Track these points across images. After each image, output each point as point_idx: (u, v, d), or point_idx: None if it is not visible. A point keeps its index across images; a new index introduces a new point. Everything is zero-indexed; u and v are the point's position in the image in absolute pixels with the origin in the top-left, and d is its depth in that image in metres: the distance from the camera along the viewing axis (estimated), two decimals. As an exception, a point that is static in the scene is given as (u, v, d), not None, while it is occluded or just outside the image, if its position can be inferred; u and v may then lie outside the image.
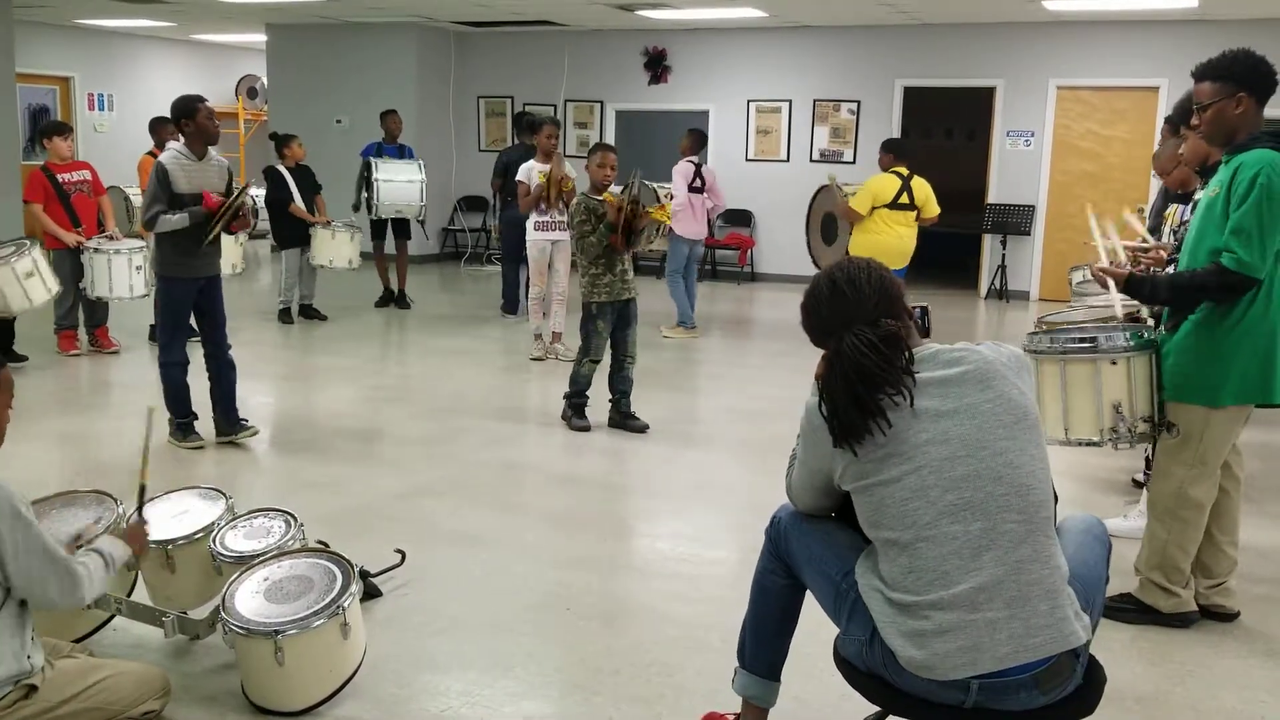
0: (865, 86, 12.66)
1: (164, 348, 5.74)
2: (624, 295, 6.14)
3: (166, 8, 13.00)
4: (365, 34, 13.93)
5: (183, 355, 5.75)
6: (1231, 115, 3.51)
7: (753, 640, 2.80)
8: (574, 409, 6.32)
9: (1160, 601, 3.74)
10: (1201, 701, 3.30)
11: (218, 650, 3.39)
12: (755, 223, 13.21)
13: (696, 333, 9.42)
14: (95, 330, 8.16)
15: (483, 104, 14.60)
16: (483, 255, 14.00)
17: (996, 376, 2.34)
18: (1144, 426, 3.71)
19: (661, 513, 5.08)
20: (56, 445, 5.89)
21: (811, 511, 2.66)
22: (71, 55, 15.63)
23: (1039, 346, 3.87)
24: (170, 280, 5.63)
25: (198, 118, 5.50)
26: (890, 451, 2.31)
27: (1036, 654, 2.26)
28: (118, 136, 15.94)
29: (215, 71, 17.50)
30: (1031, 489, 2.31)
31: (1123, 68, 11.57)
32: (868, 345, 2.33)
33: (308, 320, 9.75)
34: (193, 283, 5.63)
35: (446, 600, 3.92)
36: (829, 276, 2.48)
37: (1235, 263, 3.38)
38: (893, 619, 2.31)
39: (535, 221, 8.32)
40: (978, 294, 12.39)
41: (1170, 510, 3.66)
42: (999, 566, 2.26)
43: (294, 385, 7.62)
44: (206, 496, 3.75)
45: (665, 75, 13.58)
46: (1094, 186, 11.76)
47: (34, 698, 2.60)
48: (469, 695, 3.25)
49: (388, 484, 5.27)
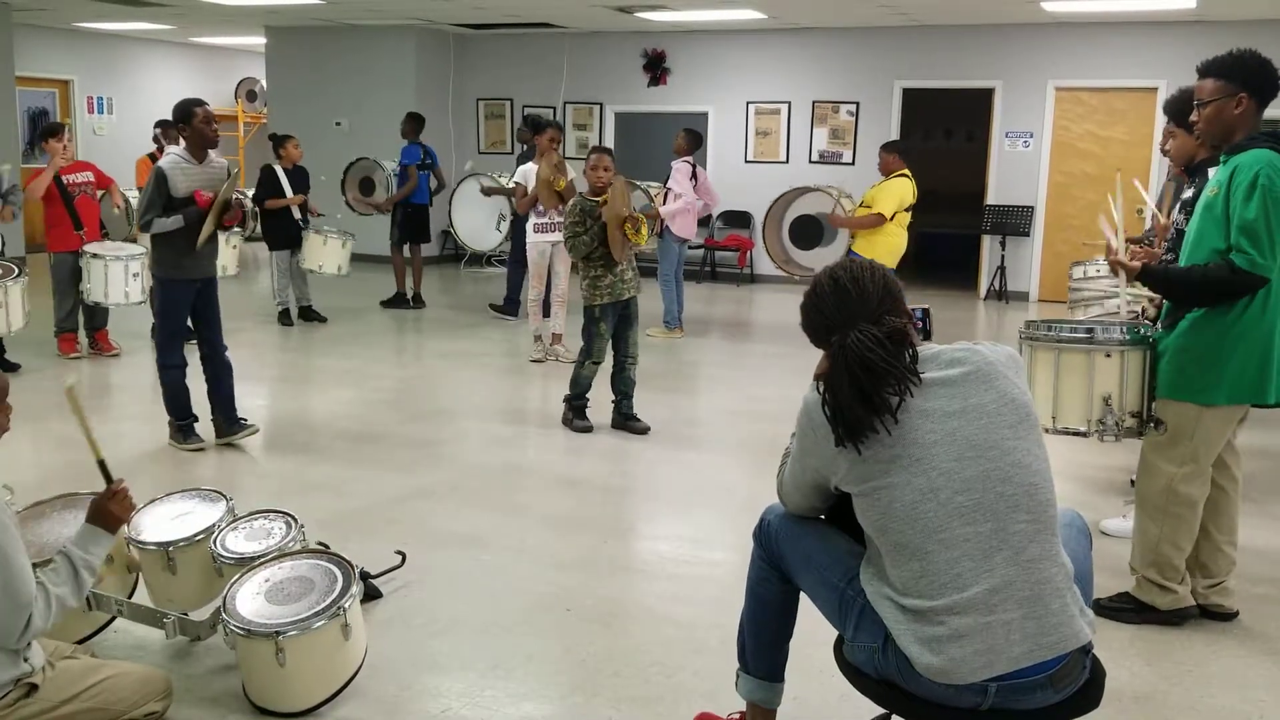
0: (864, 88, 12.67)
1: (162, 350, 5.76)
2: (625, 294, 6.15)
3: (166, 11, 13.01)
4: (364, 36, 13.94)
5: (181, 358, 5.76)
6: (1230, 115, 3.52)
7: (753, 645, 2.79)
8: (575, 410, 6.33)
9: (1157, 599, 3.75)
10: (1200, 700, 3.31)
11: (219, 651, 3.39)
12: (755, 224, 13.21)
13: (680, 333, 9.43)
14: (95, 334, 8.16)
15: (482, 106, 14.61)
16: (483, 257, 14.00)
17: (998, 376, 2.34)
18: (1131, 421, 3.73)
19: (661, 514, 5.08)
20: (56, 448, 5.89)
21: (802, 513, 2.65)
22: (71, 58, 15.63)
23: (1037, 335, 3.90)
24: (167, 282, 5.65)
25: (194, 122, 5.51)
26: (898, 453, 2.30)
27: (1051, 652, 2.26)
28: (117, 139, 15.94)
29: (215, 74, 17.50)
30: (1038, 488, 2.31)
31: (1121, 69, 11.58)
32: (874, 340, 2.32)
33: (307, 322, 9.76)
34: (190, 284, 5.64)
35: (447, 601, 3.93)
36: (831, 275, 2.47)
37: (1249, 263, 3.38)
38: (907, 625, 2.29)
39: (535, 223, 8.33)
40: (977, 295, 12.39)
41: (1161, 507, 3.67)
42: (1011, 567, 2.25)
43: (294, 387, 7.63)
44: (207, 498, 3.75)
45: (664, 77, 13.59)
46: (1093, 187, 11.77)
47: (35, 697, 2.61)
48: (469, 696, 3.26)
49: (388, 485, 5.28)
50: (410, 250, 10.63)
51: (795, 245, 9.77)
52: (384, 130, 12.61)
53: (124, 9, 12.99)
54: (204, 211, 5.49)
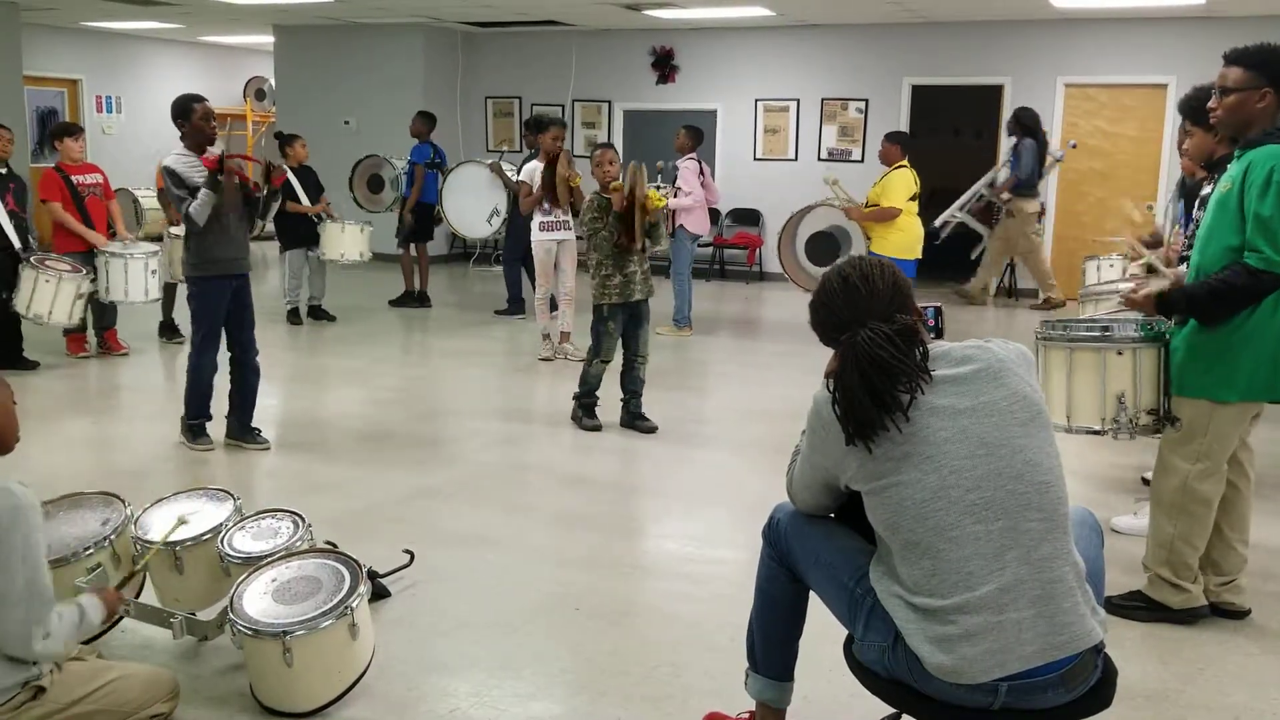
0: (873, 85, 12.63)
1: (198, 348, 5.65)
2: (634, 296, 6.12)
3: (174, 10, 13.03)
4: (372, 35, 13.95)
5: (214, 358, 5.70)
6: (1252, 108, 3.46)
7: (763, 645, 2.78)
8: (584, 409, 6.32)
9: (1170, 598, 3.72)
10: (1212, 699, 3.28)
11: (226, 651, 3.39)
12: (763, 222, 13.18)
13: (689, 332, 9.41)
14: (104, 333, 8.16)
15: (490, 104, 14.60)
16: (491, 256, 14.00)
17: (1008, 373, 2.32)
18: (1146, 419, 3.70)
19: (669, 513, 5.07)
20: (64, 447, 5.90)
21: (811, 511, 2.64)
22: (79, 58, 15.67)
23: (1050, 334, 3.87)
24: (203, 280, 5.57)
25: (193, 119, 5.47)
26: (909, 451, 2.28)
27: (1063, 652, 2.24)
28: (126, 139, 15.99)
29: (223, 73, 17.53)
30: (1050, 486, 2.29)
31: (1131, 65, 11.52)
32: (884, 338, 2.30)
33: (316, 321, 9.76)
34: (227, 281, 5.58)
35: (455, 601, 3.92)
36: (840, 273, 2.46)
37: (1263, 261, 3.33)
38: (918, 624, 2.28)
39: (540, 222, 8.31)
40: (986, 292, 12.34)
41: (1176, 505, 3.64)
42: (1022, 566, 2.24)
43: (302, 386, 7.63)
44: (214, 497, 3.74)
45: (673, 75, 13.57)
46: (1102, 184, 11.73)
47: (43, 698, 2.60)
48: (477, 695, 3.25)
49: (396, 484, 5.27)
50: (415, 249, 10.65)
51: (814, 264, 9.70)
52: (392, 128, 12.61)
53: (132, 8, 13.01)
54: (215, 173, 5.36)
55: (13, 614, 2.52)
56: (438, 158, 10.53)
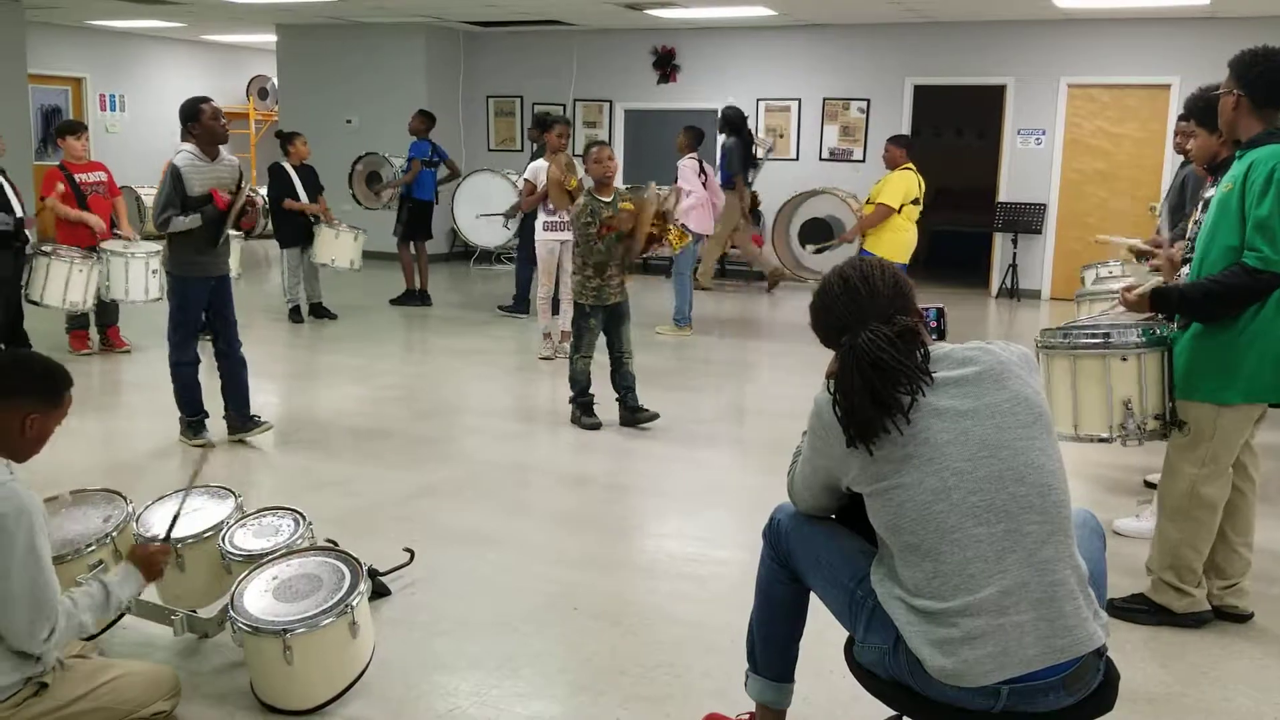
0: (875, 85, 12.62)
1: (175, 347, 5.74)
2: (610, 300, 6.15)
3: (178, 9, 13.03)
4: (374, 34, 13.95)
5: (194, 354, 5.76)
6: (1227, 111, 3.50)
7: (763, 646, 2.78)
8: (581, 408, 6.32)
9: (1173, 601, 3.72)
10: (1215, 703, 3.28)
11: (226, 649, 3.39)
12: (764, 222, 13.17)
13: (689, 331, 9.41)
14: (106, 330, 8.17)
15: (492, 103, 14.60)
16: (492, 254, 14.00)
17: (1010, 375, 2.32)
18: (1154, 424, 3.68)
19: (669, 513, 5.06)
20: (67, 443, 5.88)
21: (812, 512, 2.63)
22: (83, 56, 15.68)
23: (1052, 342, 3.86)
24: (182, 280, 5.64)
25: (203, 119, 5.50)
26: (910, 453, 2.27)
27: (1064, 655, 2.24)
28: (129, 137, 16.00)
29: (226, 72, 17.54)
30: (1052, 488, 2.28)
31: (1134, 65, 11.51)
32: (885, 340, 2.29)
33: (318, 319, 9.76)
34: (204, 282, 5.65)
35: (455, 599, 3.92)
36: (840, 274, 2.45)
37: (1261, 261, 3.33)
38: (919, 627, 2.27)
39: (544, 221, 8.31)
40: (989, 293, 12.34)
41: (1182, 509, 3.64)
42: (1024, 568, 2.23)
43: (303, 384, 7.63)
44: (216, 495, 3.74)
45: (674, 74, 13.56)
46: (1105, 184, 11.72)
47: (44, 695, 2.61)
48: (477, 695, 3.25)
49: (397, 483, 5.27)
50: (415, 247, 10.64)
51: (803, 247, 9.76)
52: (394, 128, 12.59)
53: (136, 6, 13.02)
54: (223, 213, 5.50)
55: (18, 614, 2.52)
56: (436, 155, 10.52)
